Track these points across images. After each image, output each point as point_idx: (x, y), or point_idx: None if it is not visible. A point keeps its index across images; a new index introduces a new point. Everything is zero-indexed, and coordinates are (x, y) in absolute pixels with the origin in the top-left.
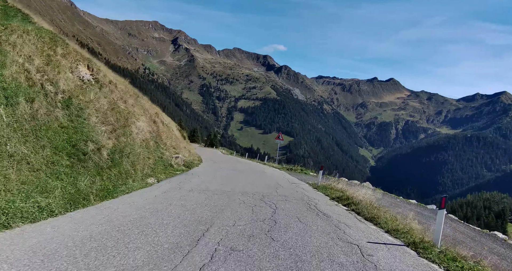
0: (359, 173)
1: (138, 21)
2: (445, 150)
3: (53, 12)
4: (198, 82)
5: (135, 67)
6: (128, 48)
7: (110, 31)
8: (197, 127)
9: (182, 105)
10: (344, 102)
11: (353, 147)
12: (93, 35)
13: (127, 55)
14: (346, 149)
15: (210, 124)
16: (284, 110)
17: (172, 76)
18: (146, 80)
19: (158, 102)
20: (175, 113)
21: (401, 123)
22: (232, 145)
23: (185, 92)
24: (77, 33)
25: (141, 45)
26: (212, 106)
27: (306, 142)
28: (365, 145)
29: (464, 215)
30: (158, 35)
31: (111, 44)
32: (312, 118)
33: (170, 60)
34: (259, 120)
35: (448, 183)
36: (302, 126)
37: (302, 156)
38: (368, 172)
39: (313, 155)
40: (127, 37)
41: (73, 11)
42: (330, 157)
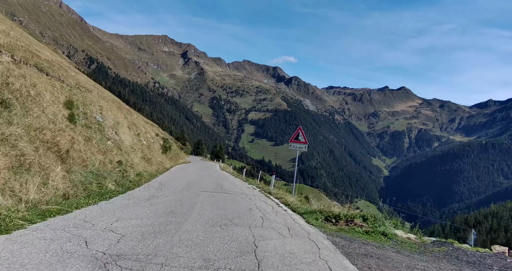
0: (373, 183)
1: (148, 36)
2: (460, 158)
3: (63, 27)
4: (208, 95)
5: (145, 81)
6: (138, 62)
7: (120, 46)
8: (201, 139)
9: (193, 118)
10: (355, 112)
11: (366, 157)
12: (102, 50)
13: (137, 69)
14: (359, 159)
15: (221, 137)
16: (295, 122)
17: (182, 90)
18: (156, 94)
19: (168, 116)
20: (185, 127)
21: (414, 132)
22: (243, 157)
23: (195, 106)
24: (86, 48)
25: (151, 59)
26: (223, 119)
27: (318, 153)
28: (378, 155)
29: (490, 227)
30: (167, 49)
31: (120, 59)
32: (324, 129)
33: (180, 73)
34: (270, 132)
35: (465, 192)
36: (313, 137)
37: (315, 167)
38: (382, 182)
39: (325, 166)
40: (137, 51)
41: (83, 26)
42: (343, 167)
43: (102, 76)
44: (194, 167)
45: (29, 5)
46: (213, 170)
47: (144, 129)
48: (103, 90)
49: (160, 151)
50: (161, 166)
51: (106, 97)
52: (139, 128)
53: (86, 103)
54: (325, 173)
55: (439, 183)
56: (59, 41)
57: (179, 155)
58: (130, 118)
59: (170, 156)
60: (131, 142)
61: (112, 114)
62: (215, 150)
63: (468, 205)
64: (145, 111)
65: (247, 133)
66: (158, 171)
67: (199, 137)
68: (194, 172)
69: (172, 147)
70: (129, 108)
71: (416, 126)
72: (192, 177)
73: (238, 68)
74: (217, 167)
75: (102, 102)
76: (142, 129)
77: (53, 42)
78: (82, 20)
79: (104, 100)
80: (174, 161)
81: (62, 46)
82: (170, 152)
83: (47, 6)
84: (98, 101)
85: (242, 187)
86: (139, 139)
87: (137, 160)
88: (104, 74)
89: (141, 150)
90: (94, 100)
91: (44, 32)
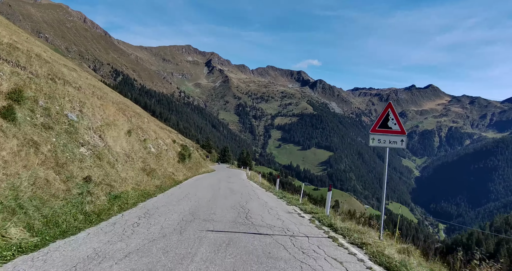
0: (404, 185)
1: (172, 46)
2: (494, 155)
3: (87, 42)
4: (233, 102)
5: (170, 91)
6: (163, 73)
7: (145, 58)
8: (227, 146)
9: (219, 126)
10: None
11: (396, 158)
12: (127, 62)
13: (162, 80)
14: (388, 161)
15: (248, 143)
16: (322, 125)
17: (207, 98)
18: (182, 103)
19: (195, 125)
20: (211, 135)
21: (444, 130)
22: (270, 163)
23: (221, 113)
24: (111, 61)
25: (175, 69)
26: (249, 125)
27: (346, 155)
28: (408, 155)
29: None
30: (191, 59)
31: (146, 70)
32: (351, 131)
33: (204, 82)
34: (297, 137)
35: (501, 190)
36: (341, 140)
37: (344, 171)
38: (413, 183)
39: (354, 169)
40: (162, 62)
41: (107, 40)
42: (372, 169)
43: (128, 88)
44: (216, 178)
45: (54, 22)
46: (238, 181)
47: (155, 135)
48: (110, 91)
49: (176, 160)
50: (170, 179)
51: (115, 99)
52: (147, 134)
53: (56, 97)
54: (354, 176)
55: (473, 182)
56: (84, 56)
57: (201, 163)
58: (136, 121)
59: (189, 165)
60: (127, 149)
61: (102, 114)
62: (242, 156)
63: (505, 203)
64: (171, 121)
65: (273, 138)
66: (161, 186)
67: (226, 144)
68: (212, 185)
69: (192, 155)
70: (139, 112)
71: (446, 125)
72: (205, 195)
73: (262, 74)
74: (243, 176)
75: (92, 99)
76: (151, 135)
77: (79, 57)
78: (106, 34)
79: (100, 100)
80: (194, 171)
81: (87, 60)
82: (190, 161)
83: (71, 22)
84: (83, 98)
85: (281, 212)
86: (144, 145)
87: (131, 172)
88: (130, 86)
89: (143, 159)
90: (73, 94)
91: (69, 48)
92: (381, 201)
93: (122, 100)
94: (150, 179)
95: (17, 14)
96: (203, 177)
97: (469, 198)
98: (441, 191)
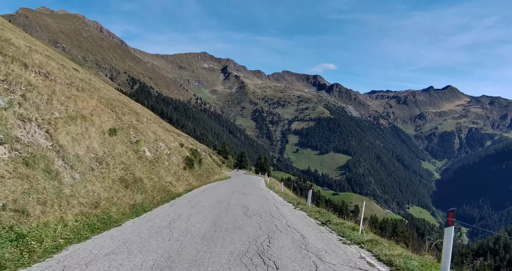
0: (424, 188)
1: (188, 54)
2: None
3: (104, 51)
4: (250, 108)
5: (187, 98)
6: (179, 80)
7: (161, 66)
8: (244, 151)
9: (236, 132)
10: (400, 115)
11: (415, 161)
12: (144, 70)
13: (178, 87)
14: (408, 164)
15: (265, 149)
16: (339, 129)
17: (224, 104)
18: (198, 110)
19: (212, 131)
20: (228, 141)
21: (464, 131)
22: (288, 168)
23: (238, 119)
24: (128, 69)
25: (192, 76)
26: (266, 131)
27: (365, 159)
28: (427, 158)
29: None
30: (207, 66)
31: (162, 78)
32: (369, 134)
33: (221, 88)
34: (315, 141)
35: None
36: (359, 143)
37: (362, 175)
38: (433, 186)
39: (373, 173)
40: (178, 69)
41: (124, 49)
42: (392, 173)
43: (145, 95)
44: (228, 187)
45: (70, 32)
46: (255, 192)
47: (155, 136)
48: (118, 94)
49: (182, 166)
50: (163, 192)
51: (109, 95)
52: (143, 135)
53: None
54: (373, 180)
55: (495, 184)
56: (101, 65)
57: (214, 170)
58: (129, 119)
59: (199, 172)
60: (101, 152)
61: (70, 105)
62: (260, 162)
63: None
64: (188, 128)
65: (291, 143)
66: (142, 204)
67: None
68: (220, 200)
69: (204, 161)
70: (140, 112)
71: (466, 126)
72: (202, 223)
73: (278, 79)
74: (261, 184)
75: (58, 87)
76: (149, 136)
77: (96, 66)
78: (122, 43)
79: (80, 92)
80: (205, 178)
81: (104, 69)
82: (201, 167)
83: (88, 32)
84: (36, 81)
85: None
86: (135, 148)
87: (97, 185)
88: (147, 94)
89: (126, 165)
90: (18, 74)
91: (86, 57)
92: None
93: (123, 100)
94: (130, 193)
95: (34, 25)
96: (214, 186)
97: (492, 201)
98: (463, 194)
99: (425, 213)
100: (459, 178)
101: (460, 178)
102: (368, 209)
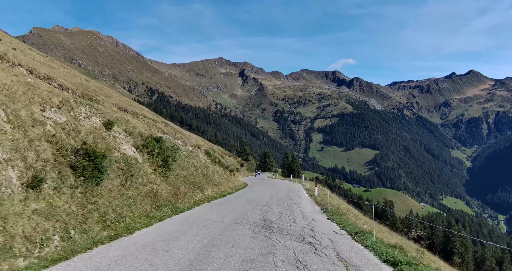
0: (456, 177)
1: (204, 60)
2: None
3: (120, 64)
4: (270, 109)
5: (206, 105)
6: (198, 87)
7: (179, 74)
8: (267, 151)
9: (258, 134)
10: (425, 105)
11: (444, 150)
12: (162, 80)
13: (197, 94)
14: (437, 154)
15: (289, 149)
16: (363, 123)
17: (244, 108)
18: (219, 116)
19: (234, 135)
20: (251, 143)
21: (491, 116)
22: (315, 167)
23: (259, 121)
24: (146, 80)
25: (210, 82)
26: (289, 131)
27: (393, 152)
28: (456, 146)
29: None
30: (225, 71)
31: (180, 86)
32: (395, 126)
33: (240, 92)
34: (339, 138)
35: None
36: (385, 137)
37: (392, 168)
38: (465, 175)
39: (403, 165)
40: (196, 77)
41: (140, 60)
42: (422, 164)
43: (164, 105)
44: (233, 214)
45: (85, 48)
46: (295, 235)
47: (157, 128)
48: None
49: (152, 170)
50: None
51: None
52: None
53: None
54: (403, 173)
55: None
56: (118, 78)
57: (223, 175)
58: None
59: (190, 180)
60: None
61: None
62: (286, 161)
63: None
64: (208, 133)
65: (315, 142)
66: None
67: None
68: None
69: (196, 160)
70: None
71: (493, 110)
72: None
73: (296, 79)
74: (304, 202)
75: None
76: (135, 124)
77: (113, 79)
78: (139, 55)
79: None
80: (195, 191)
81: (122, 81)
82: (194, 170)
83: (103, 46)
84: None
85: None
86: None
87: None
88: (166, 103)
89: None
90: None
91: (103, 71)
92: None
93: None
94: None
95: (48, 43)
96: (201, 216)
97: None
98: (497, 180)
99: (459, 203)
100: (491, 164)
101: (492, 164)
102: (403, 204)
